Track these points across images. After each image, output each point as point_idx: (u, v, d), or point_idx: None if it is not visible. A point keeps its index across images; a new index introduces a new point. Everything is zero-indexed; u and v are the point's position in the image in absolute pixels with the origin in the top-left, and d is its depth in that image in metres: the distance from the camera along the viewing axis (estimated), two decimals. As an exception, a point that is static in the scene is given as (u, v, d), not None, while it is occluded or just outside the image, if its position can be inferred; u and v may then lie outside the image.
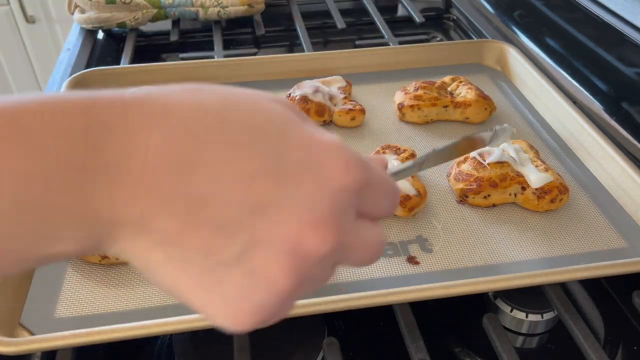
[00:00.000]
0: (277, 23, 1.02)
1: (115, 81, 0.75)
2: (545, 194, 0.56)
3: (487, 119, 0.70)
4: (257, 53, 0.98)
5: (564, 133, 0.68)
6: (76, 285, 0.49)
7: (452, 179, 0.60)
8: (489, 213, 0.57)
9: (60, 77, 0.84)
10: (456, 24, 1.06)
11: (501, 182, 0.57)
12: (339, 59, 0.80)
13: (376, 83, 0.78)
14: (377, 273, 0.51)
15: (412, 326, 0.46)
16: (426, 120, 0.70)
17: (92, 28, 0.93)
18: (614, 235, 0.55)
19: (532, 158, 0.60)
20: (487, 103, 0.70)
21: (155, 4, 0.91)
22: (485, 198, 0.58)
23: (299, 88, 0.70)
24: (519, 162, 0.59)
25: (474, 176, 0.58)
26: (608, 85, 0.76)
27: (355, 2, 1.08)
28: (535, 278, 0.48)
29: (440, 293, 0.46)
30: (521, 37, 0.93)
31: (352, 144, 0.67)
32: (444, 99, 0.70)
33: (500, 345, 0.45)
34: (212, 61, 0.78)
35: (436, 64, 0.82)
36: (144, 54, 0.92)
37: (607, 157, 0.61)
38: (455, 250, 0.53)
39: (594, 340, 0.45)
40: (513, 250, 0.53)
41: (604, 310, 0.56)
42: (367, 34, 1.03)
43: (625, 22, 0.73)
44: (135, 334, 0.43)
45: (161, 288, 0.24)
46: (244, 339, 0.44)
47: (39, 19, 1.75)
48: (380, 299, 0.46)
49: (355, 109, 0.69)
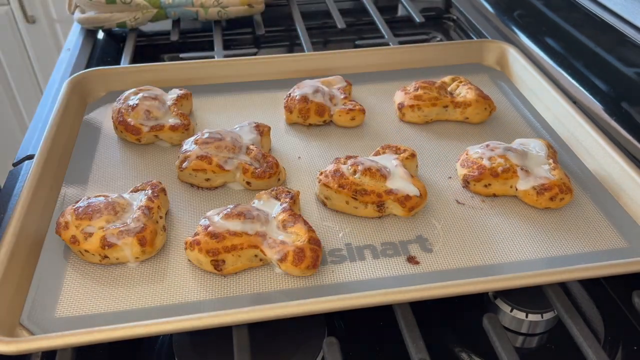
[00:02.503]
0: (277, 23, 1.02)
1: (115, 81, 0.75)
2: (545, 190, 0.56)
3: (487, 118, 0.71)
4: (257, 53, 0.98)
5: (564, 133, 0.68)
6: (76, 285, 0.49)
7: (459, 165, 0.61)
8: (489, 212, 0.57)
9: (60, 77, 0.84)
10: (456, 24, 1.06)
11: (503, 172, 0.57)
12: (339, 59, 0.80)
13: (376, 83, 0.78)
14: (377, 273, 0.51)
15: (412, 326, 0.46)
16: (426, 120, 0.70)
17: (92, 28, 0.93)
18: (614, 235, 0.55)
19: (547, 155, 0.61)
20: (487, 103, 0.70)
21: (155, 4, 0.91)
22: (485, 187, 0.58)
23: (299, 88, 0.70)
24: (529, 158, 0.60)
25: (478, 164, 0.59)
26: (608, 85, 0.76)
27: (355, 2, 1.08)
28: (535, 278, 0.48)
29: (440, 293, 0.46)
30: (521, 37, 0.93)
31: (352, 144, 0.67)
32: (444, 99, 0.70)
33: (500, 345, 0.45)
34: (212, 61, 0.78)
35: (436, 64, 0.82)
36: (144, 54, 0.92)
37: (607, 157, 0.61)
38: (455, 250, 0.53)
39: (594, 340, 0.45)
40: (513, 250, 0.53)
41: (604, 310, 0.56)
42: (367, 34, 1.03)
43: (625, 22, 0.73)
44: (135, 334, 0.43)
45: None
46: (244, 339, 0.45)
47: (39, 18, 1.75)
48: (380, 298, 0.46)
49: (355, 109, 0.69)
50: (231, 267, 0.50)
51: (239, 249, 0.49)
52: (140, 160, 0.64)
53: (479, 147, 0.61)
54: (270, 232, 0.51)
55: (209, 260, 0.49)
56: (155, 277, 0.50)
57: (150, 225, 0.51)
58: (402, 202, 0.55)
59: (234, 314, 0.44)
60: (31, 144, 0.70)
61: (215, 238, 0.49)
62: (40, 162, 0.59)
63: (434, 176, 0.62)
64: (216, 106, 0.73)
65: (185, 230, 0.55)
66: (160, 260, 0.52)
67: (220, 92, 0.76)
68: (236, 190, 0.60)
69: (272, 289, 0.49)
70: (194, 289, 0.49)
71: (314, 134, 0.69)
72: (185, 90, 0.70)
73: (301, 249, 0.49)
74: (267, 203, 0.54)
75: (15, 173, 0.66)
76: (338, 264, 0.51)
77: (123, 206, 0.53)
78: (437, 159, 0.65)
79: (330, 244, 0.54)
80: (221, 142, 0.60)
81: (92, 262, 0.51)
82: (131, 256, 0.50)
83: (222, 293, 0.49)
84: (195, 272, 0.50)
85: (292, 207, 0.54)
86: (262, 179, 0.58)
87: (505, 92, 0.77)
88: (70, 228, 0.51)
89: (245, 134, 0.63)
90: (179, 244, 0.53)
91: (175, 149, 0.66)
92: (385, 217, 0.56)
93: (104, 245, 0.50)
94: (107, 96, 0.74)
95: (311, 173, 0.62)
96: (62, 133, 0.64)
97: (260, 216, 0.52)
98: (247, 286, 0.49)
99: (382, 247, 0.53)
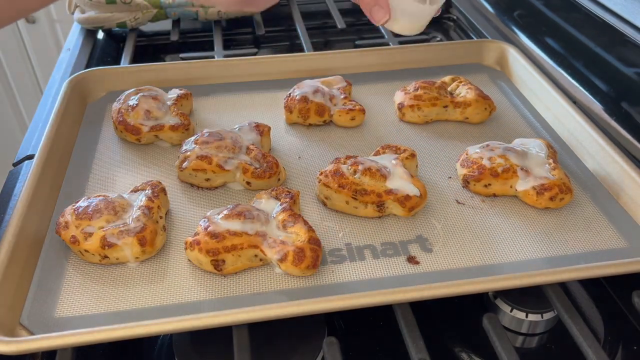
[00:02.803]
0: (277, 23, 1.02)
1: (115, 81, 0.75)
2: (545, 190, 0.56)
3: (486, 118, 0.71)
4: (257, 53, 0.98)
5: (563, 133, 0.68)
6: (76, 285, 0.49)
7: (459, 165, 0.61)
8: (489, 212, 0.57)
9: (60, 77, 0.84)
10: (456, 24, 1.06)
11: (503, 172, 0.57)
12: (339, 59, 0.80)
13: (376, 83, 0.78)
14: (377, 273, 0.51)
15: (412, 326, 0.46)
16: (426, 120, 0.70)
17: (92, 28, 0.93)
18: (614, 235, 0.55)
19: (547, 155, 0.60)
20: (487, 103, 0.70)
21: (155, 4, 0.91)
22: (485, 187, 0.58)
23: (299, 88, 0.70)
24: (529, 158, 0.59)
25: (478, 164, 0.59)
26: (608, 85, 0.76)
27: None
28: (535, 278, 0.48)
29: (440, 293, 0.46)
30: (521, 37, 0.93)
31: (352, 144, 0.67)
32: (444, 99, 0.70)
33: (500, 345, 0.45)
34: (212, 61, 0.78)
35: (436, 64, 0.82)
36: (144, 54, 0.92)
37: (607, 157, 0.61)
38: (455, 250, 0.53)
39: (594, 340, 0.45)
40: (513, 250, 0.53)
41: (604, 310, 0.56)
42: (367, 34, 1.03)
43: (625, 22, 0.73)
44: (135, 334, 0.43)
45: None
46: (244, 339, 0.45)
47: (39, 18, 1.74)
48: (380, 298, 0.46)
49: (355, 109, 0.69)
50: (231, 267, 0.50)
51: (239, 249, 0.49)
52: (140, 160, 0.64)
53: (479, 147, 0.61)
54: (270, 232, 0.51)
55: (209, 260, 0.49)
56: (155, 277, 0.50)
57: (150, 225, 0.51)
58: (402, 202, 0.55)
59: (234, 314, 0.44)
60: (31, 144, 0.70)
61: (215, 238, 0.49)
62: (40, 162, 0.59)
63: (434, 176, 0.62)
64: (216, 106, 0.73)
65: (185, 230, 0.55)
66: (160, 260, 0.52)
67: (220, 92, 0.76)
68: (236, 190, 0.60)
69: (272, 289, 0.49)
70: (194, 289, 0.49)
71: (314, 134, 0.69)
72: (185, 90, 0.70)
73: (301, 249, 0.49)
74: (267, 203, 0.54)
75: (15, 173, 0.66)
76: (338, 264, 0.51)
77: (123, 206, 0.53)
78: (437, 159, 0.65)
79: (330, 244, 0.54)
80: (221, 142, 0.60)
81: (92, 262, 0.51)
82: (131, 256, 0.50)
83: (222, 293, 0.49)
84: (195, 272, 0.50)
85: (292, 207, 0.54)
86: (262, 179, 0.58)
87: (505, 92, 0.77)
88: (70, 228, 0.51)
89: (245, 134, 0.63)
90: (179, 244, 0.53)
91: (175, 149, 0.66)
92: (385, 217, 0.56)
93: (104, 245, 0.50)
94: (107, 96, 0.74)
95: (311, 173, 0.62)
96: (62, 133, 0.64)
97: (260, 216, 0.52)
98: (247, 286, 0.49)
99: (382, 247, 0.53)
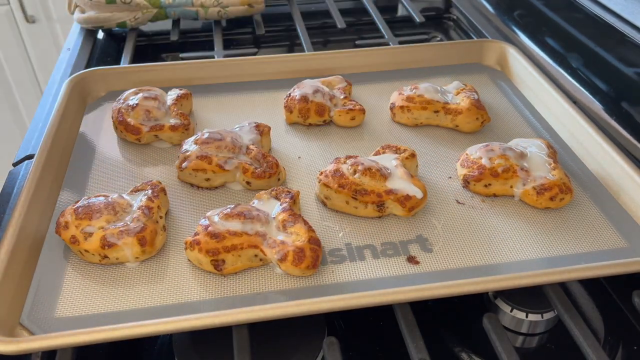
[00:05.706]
0: (277, 23, 1.02)
1: (115, 81, 0.75)
2: (545, 190, 0.56)
3: (478, 129, 0.69)
4: (257, 53, 0.98)
5: (563, 133, 0.68)
6: (76, 285, 0.49)
7: (459, 164, 0.61)
8: (489, 212, 0.57)
9: (60, 77, 0.84)
10: (456, 24, 1.06)
11: (503, 172, 0.57)
12: (339, 59, 0.80)
13: (376, 83, 0.78)
14: (377, 273, 0.51)
15: (412, 326, 0.46)
16: (416, 123, 0.70)
17: (92, 28, 0.93)
18: (614, 235, 0.55)
19: (547, 155, 0.60)
20: (480, 113, 0.68)
21: (155, 4, 0.91)
22: (486, 187, 0.58)
23: (299, 88, 0.70)
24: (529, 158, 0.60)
25: (478, 164, 0.59)
26: (608, 85, 0.76)
27: (355, 2, 1.08)
28: (535, 278, 0.48)
29: (440, 293, 0.46)
30: (521, 37, 0.93)
31: (352, 143, 0.67)
32: (436, 104, 0.69)
33: (500, 345, 0.45)
34: (212, 61, 0.78)
35: (436, 64, 0.82)
36: (144, 54, 0.92)
37: (607, 157, 0.61)
38: (455, 250, 0.53)
39: (594, 340, 0.45)
40: (513, 250, 0.53)
41: (604, 310, 0.56)
42: (367, 34, 1.03)
43: (625, 22, 0.73)
44: (135, 334, 0.43)
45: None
46: (244, 339, 0.45)
47: (39, 18, 1.75)
48: (380, 298, 0.46)
49: (355, 109, 0.69)
50: (231, 267, 0.50)
51: (239, 249, 0.49)
52: (140, 160, 0.64)
53: (479, 147, 0.61)
54: (270, 232, 0.51)
55: (209, 260, 0.49)
56: (155, 277, 0.50)
57: (150, 225, 0.51)
58: (402, 202, 0.55)
59: (234, 314, 0.44)
60: (31, 144, 0.70)
61: (215, 238, 0.49)
62: (40, 162, 0.59)
63: (434, 176, 0.62)
64: (216, 106, 0.73)
65: (185, 230, 0.55)
66: (160, 260, 0.52)
67: (220, 92, 0.76)
68: (236, 190, 0.60)
69: (272, 289, 0.49)
70: (194, 289, 0.49)
71: (314, 134, 0.69)
72: (185, 90, 0.70)
73: (301, 249, 0.49)
74: (267, 203, 0.54)
75: (15, 173, 0.66)
76: (338, 264, 0.51)
77: (123, 206, 0.53)
78: (437, 159, 0.65)
79: (330, 243, 0.54)
80: (221, 142, 0.60)
81: (92, 262, 0.51)
82: (131, 256, 0.50)
83: (222, 293, 0.49)
84: (195, 272, 0.50)
85: (292, 207, 0.54)
86: (262, 179, 0.58)
87: (505, 92, 0.77)
88: (70, 228, 0.51)
89: (245, 134, 0.63)
90: (179, 244, 0.53)
91: (175, 149, 0.66)
92: (385, 217, 0.56)
93: (104, 245, 0.50)
94: (107, 96, 0.74)
95: (311, 173, 0.62)
96: (62, 133, 0.64)
97: (260, 216, 0.52)
98: (247, 286, 0.49)
99: (382, 247, 0.53)
